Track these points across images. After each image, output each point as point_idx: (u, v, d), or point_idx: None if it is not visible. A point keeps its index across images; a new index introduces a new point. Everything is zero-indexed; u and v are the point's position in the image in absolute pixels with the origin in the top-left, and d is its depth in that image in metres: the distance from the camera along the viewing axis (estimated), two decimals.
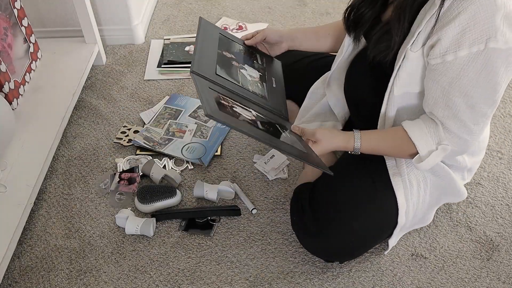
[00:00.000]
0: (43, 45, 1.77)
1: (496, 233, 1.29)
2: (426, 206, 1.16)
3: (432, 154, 1.00)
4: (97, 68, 1.86)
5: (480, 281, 1.19)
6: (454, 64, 0.90)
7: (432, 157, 1.00)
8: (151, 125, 1.57)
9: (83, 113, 1.67)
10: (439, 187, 1.15)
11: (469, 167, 1.16)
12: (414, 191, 1.12)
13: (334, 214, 1.12)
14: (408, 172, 1.11)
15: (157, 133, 1.54)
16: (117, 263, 1.25)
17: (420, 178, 1.12)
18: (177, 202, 1.36)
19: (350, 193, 1.13)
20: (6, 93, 1.48)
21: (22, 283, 1.21)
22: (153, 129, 1.56)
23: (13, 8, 1.55)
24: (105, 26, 1.92)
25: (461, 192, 1.18)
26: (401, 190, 1.10)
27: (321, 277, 1.20)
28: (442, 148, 0.99)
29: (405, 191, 1.11)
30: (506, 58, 0.88)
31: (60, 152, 1.54)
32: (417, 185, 1.12)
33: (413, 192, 1.11)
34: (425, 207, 1.16)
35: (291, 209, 1.24)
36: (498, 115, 1.62)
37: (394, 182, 1.11)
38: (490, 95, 0.93)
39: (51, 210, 1.37)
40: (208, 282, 1.20)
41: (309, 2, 2.22)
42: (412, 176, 1.11)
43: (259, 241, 1.29)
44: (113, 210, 1.36)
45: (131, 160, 1.48)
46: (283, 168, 1.45)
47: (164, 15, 2.16)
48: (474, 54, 0.88)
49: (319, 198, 1.16)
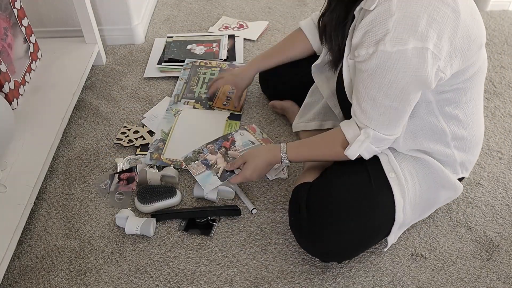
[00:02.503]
0: (43, 45, 1.77)
1: (496, 233, 1.29)
2: (424, 201, 1.16)
3: (357, 139, 1.07)
4: (97, 68, 1.86)
5: (480, 281, 1.19)
6: (358, 60, 0.98)
7: (357, 142, 1.07)
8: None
9: (83, 113, 1.67)
10: (433, 180, 1.15)
11: (459, 161, 1.16)
12: (410, 186, 1.12)
13: (330, 214, 1.12)
14: (402, 168, 1.12)
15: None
16: (117, 263, 1.25)
17: (413, 172, 1.13)
18: (177, 202, 1.36)
19: (346, 192, 1.13)
20: (6, 93, 1.48)
21: (22, 283, 1.21)
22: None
23: (13, 8, 1.55)
24: (105, 26, 1.92)
25: (455, 185, 1.18)
26: (397, 187, 1.11)
27: (321, 277, 1.20)
28: (365, 132, 1.05)
29: (401, 187, 1.11)
30: (397, 60, 0.92)
31: (60, 152, 1.54)
32: (411, 180, 1.12)
33: (408, 187, 1.12)
34: (423, 202, 1.16)
35: (289, 209, 1.24)
36: (498, 115, 1.62)
37: (390, 179, 1.11)
38: (388, 91, 0.98)
39: (51, 210, 1.37)
40: (208, 282, 1.20)
41: (309, 2, 2.22)
42: (406, 172, 1.12)
43: (259, 241, 1.29)
44: (113, 210, 1.36)
45: (131, 160, 1.48)
46: (283, 168, 1.45)
47: (164, 15, 2.16)
48: (370, 54, 0.95)
49: (315, 198, 1.17)
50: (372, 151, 1.09)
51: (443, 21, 0.91)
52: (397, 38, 0.91)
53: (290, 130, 1.57)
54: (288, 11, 2.18)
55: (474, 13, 0.98)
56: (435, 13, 0.91)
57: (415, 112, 1.07)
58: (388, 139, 1.06)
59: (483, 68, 1.07)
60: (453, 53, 0.95)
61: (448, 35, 0.92)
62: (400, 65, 0.93)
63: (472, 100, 1.09)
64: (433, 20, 0.90)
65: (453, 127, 1.10)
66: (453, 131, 1.10)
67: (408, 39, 0.90)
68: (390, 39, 0.91)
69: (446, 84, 1.02)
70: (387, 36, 0.91)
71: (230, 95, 1.65)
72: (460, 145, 1.14)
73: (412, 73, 0.94)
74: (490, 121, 1.61)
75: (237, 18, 2.13)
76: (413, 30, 0.90)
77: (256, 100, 1.70)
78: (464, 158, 1.16)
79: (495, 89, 1.74)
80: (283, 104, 1.59)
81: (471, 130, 1.13)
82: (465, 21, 0.93)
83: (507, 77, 1.79)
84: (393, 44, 0.91)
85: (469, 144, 1.15)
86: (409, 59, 0.92)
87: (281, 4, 2.22)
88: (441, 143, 1.11)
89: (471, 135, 1.14)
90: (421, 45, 0.90)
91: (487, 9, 2.18)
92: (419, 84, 0.96)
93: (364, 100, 1.02)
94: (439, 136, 1.10)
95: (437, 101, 1.05)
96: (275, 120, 1.62)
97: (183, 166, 1.42)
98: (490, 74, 1.80)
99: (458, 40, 0.94)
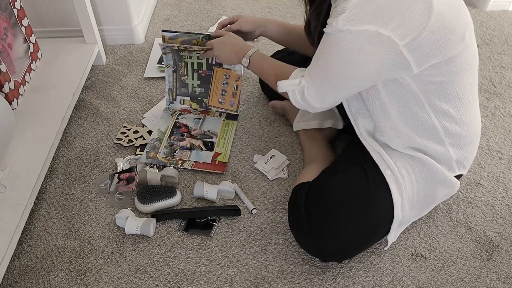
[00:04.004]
0: (43, 45, 1.77)
1: (496, 233, 1.29)
2: (422, 198, 1.16)
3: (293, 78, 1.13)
4: (97, 68, 1.86)
5: (480, 281, 1.19)
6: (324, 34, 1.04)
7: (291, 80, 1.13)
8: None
9: (83, 113, 1.67)
10: (429, 177, 1.15)
11: (455, 159, 1.16)
12: (407, 183, 1.12)
13: (328, 214, 1.12)
14: (398, 166, 1.12)
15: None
16: (117, 263, 1.25)
17: (410, 170, 1.13)
18: (177, 202, 1.36)
19: (343, 191, 1.14)
20: (6, 93, 1.48)
21: (22, 283, 1.21)
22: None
23: (13, 8, 1.55)
24: (105, 26, 1.93)
25: (452, 182, 1.18)
26: (394, 184, 1.11)
27: (321, 277, 1.20)
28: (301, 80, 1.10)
29: (398, 185, 1.11)
30: (345, 38, 0.97)
31: (60, 152, 1.54)
32: (408, 177, 1.12)
33: (406, 185, 1.12)
34: (421, 199, 1.16)
35: (288, 209, 1.24)
36: (498, 115, 1.62)
37: (387, 176, 1.11)
38: (331, 62, 1.02)
39: (51, 210, 1.37)
40: (208, 282, 1.20)
41: None
42: (402, 169, 1.12)
43: (259, 241, 1.29)
44: (113, 210, 1.36)
45: (131, 160, 1.48)
46: (283, 168, 1.45)
47: (164, 15, 2.16)
48: (328, 28, 1.00)
49: (313, 198, 1.17)
50: (295, 96, 1.13)
51: (410, 10, 0.92)
52: (350, 18, 0.94)
53: (290, 130, 1.57)
54: (288, 11, 2.18)
55: (454, 4, 0.99)
56: (401, 2, 0.92)
57: (406, 106, 1.07)
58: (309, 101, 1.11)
59: (471, 63, 1.07)
60: (424, 43, 0.95)
61: (413, 24, 0.93)
62: (345, 44, 0.97)
63: (464, 95, 1.08)
64: (397, 9, 0.92)
65: (445, 122, 1.09)
66: (445, 127, 1.10)
67: (361, 22, 0.94)
68: (344, 18, 0.95)
69: (428, 74, 1.02)
70: (342, 15, 0.95)
71: (224, 87, 1.61)
72: (455, 142, 1.13)
73: (356, 54, 0.97)
74: (490, 121, 1.61)
75: None
76: (369, 15, 0.93)
77: (256, 100, 1.70)
78: (460, 155, 1.16)
79: (495, 89, 1.74)
80: (283, 104, 1.59)
81: (465, 126, 1.13)
82: (439, 11, 0.94)
83: (507, 77, 1.79)
84: (344, 23, 0.95)
85: (464, 141, 1.15)
86: (355, 40, 0.95)
87: (281, 4, 2.22)
88: (434, 140, 1.11)
89: (466, 131, 1.14)
90: (375, 29, 0.93)
91: (487, 9, 2.18)
92: (362, 67, 0.99)
93: (317, 57, 1.06)
94: (431, 132, 1.10)
95: (424, 94, 1.05)
96: (275, 120, 1.62)
97: (179, 165, 1.46)
98: (490, 74, 1.81)
99: (430, 30, 0.94)
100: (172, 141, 1.52)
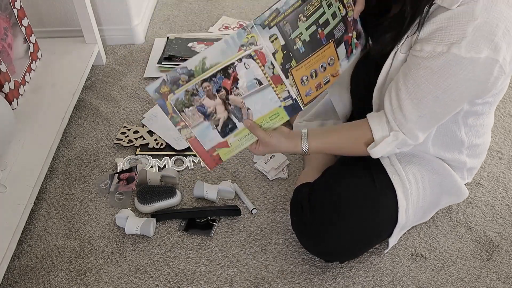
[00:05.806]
0: (43, 45, 1.76)
1: (496, 233, 1.29)
2: (426, 205, 1.16)
3: (385, 139, 1.02)
4: (97, 68, 1.86)
5: (480, 281, 1.19)
6: (419, 55, 0.93)
7: (385, 142, 1.02)
8: None
9: (83, 113, 1.67)
10: (438, 185, 1.15)
11: (468, 167, 1.17)
12: (413, 189, 1.12)
13: (332, 214, 1.12)
14: (406, 171, 1.12)
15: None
16: (117, 263, 1.25)
17: (418, 176, 1.12)
18: (177, 202, 1.36)
19: (349, 192, 1.13)
20: (6, 93, 1.48)
21: (22, 283, 1.21)
22: None
23: (13, 8, 1.55)
24: (105, 26, 1.92)
25: (461, 190, 1.19)
26: (401, 189, 1.11)
27: (321, 277, 1.20)
28: (395, 134, 1.01)
29: (404, 189, 1.11)
30: (466, 67, 0.89)
31: (60, 152, 1.54)
32: (415, 183, 1.12)
33: (412, 190, 1.12)
34: (425, 206, 1.16)
35: (291, 209, 1.24)
36: (498, 115, 1.62)
37: (394, 181, 1.11)
38: (441, 96, 0.94)
39: (51, 210, 1.37)
40: (208, 282, 1.20)
41: None
42: (410, 175, 1.12)
43: (259, 241, 1.29)
44: (113, 210, 1.36)
45: (131, 160, 1.48)
46: (283, 168, 1.45)
47: (164, 15, 2.16)
48: (437, 53, 0.90)
49: (317, 198, 1.16)
50: (393, 152, 1.06)
51: None
52: (473, 44, 0.86)
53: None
54: None
55: None
56: (510, 25, 0.87)
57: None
58: (412, 145, 1.03)
59: None
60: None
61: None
62: (467, 73, 0.89)
63: (492, 111, 1.10)
64: (507, 32, 0.87)
65: (472, 137, 1.10)
66: (470, 140, 1.10)
67: (483, 48, 0.87)
68: (467, 44, 0.87)
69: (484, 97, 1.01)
70: (464, 40, 0.87)
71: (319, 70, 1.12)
72: (472, 152, 1.15)
73: (474, 83, 0.91)
74: None
75: (237, 18, 2.12)
76: (489, 39, 0.86)
77: None
78: (473, 164, 1.18)
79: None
80: None
81: (483, 138, 1.14)
82: None
83: None
84: (468, 49, 0.87)
85: (480, 150, 1.16)
86: (477, 68, 0.88)
87: None
88: (455, 151, 1.12)
89: (483, 142, 1.15)
90: (493, 55, 0.87)
91: None
92: (474, 94, 0.95)
93: (409, 98, 0.96)
94: (456, 146, 1.11)
95: (465, 111, 1.03)
96: None
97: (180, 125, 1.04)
98: None
99: None
100: (199, 90, 1.01)
